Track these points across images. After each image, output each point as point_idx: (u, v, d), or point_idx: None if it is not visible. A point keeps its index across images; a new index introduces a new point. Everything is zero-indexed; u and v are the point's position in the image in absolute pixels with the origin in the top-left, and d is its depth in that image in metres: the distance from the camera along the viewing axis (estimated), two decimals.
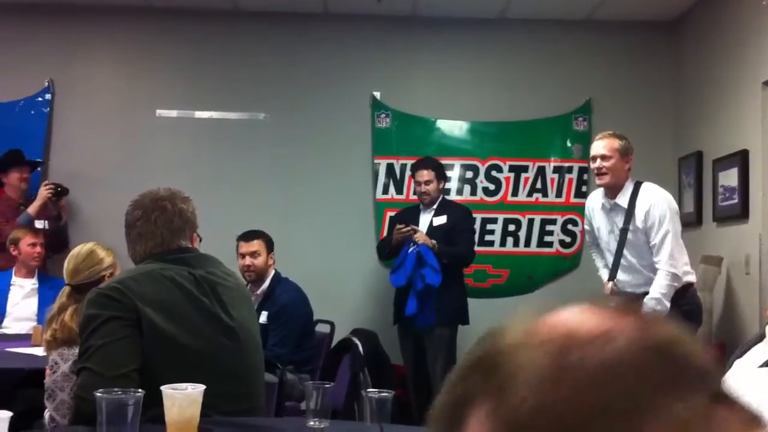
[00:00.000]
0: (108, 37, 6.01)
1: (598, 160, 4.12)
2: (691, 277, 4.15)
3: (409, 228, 4.95)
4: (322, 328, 4.68)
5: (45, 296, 4.68)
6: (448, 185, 5.60)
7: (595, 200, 4.30)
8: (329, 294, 5.18)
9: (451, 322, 4.98)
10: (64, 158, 5.84)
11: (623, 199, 4.11)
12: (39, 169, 5.64)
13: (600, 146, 4.12)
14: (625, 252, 4.12)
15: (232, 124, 5.96)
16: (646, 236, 4.05)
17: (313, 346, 4.51)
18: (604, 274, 4.32)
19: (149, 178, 5.82)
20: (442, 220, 5.06)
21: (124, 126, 5.93)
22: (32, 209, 5.27)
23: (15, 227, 5.04)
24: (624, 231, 4.10)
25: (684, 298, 4.07)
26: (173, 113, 5.95)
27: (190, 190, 2.62)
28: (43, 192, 5.31)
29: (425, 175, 5.09)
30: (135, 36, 5.98)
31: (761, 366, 2.10)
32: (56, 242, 5.32)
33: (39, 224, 5.25)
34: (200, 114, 5.96)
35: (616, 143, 4.08)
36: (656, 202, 4.04)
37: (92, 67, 6.01)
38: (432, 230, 5.01)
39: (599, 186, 4.21)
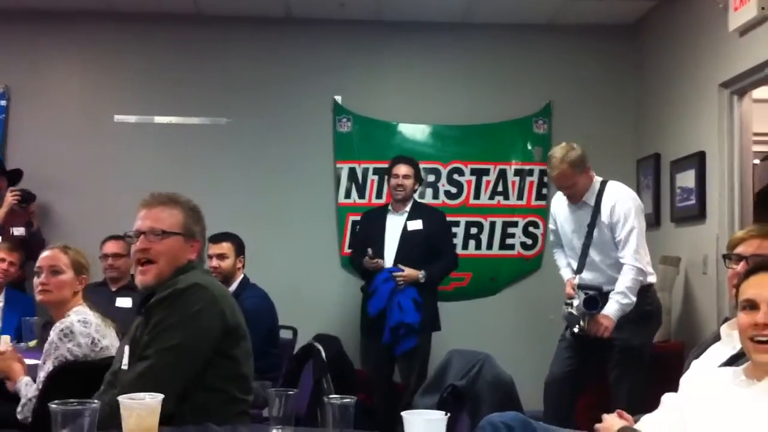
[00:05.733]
0: (65, 42, 5.92)
1: (563, 189, 4.19)
2: (652, 278, 4.22)
3: (376, 261, 4.89)
4: (285, 334, 4.65)
5: (10, 317, 4.57)
6: None
7: (562, 199, 4.33)
8: (292, 299, 5.15)
9: (426, 330, 4.93)
10: (20, 164, 5.71)
11: (590, 198, 4.17)
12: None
13: (558, 179, 4.15)
14: (590, 250, 4.17)
15: (193, 129, 5.90)
16: (611, 232, 4.10)
17: (277, 352, 4.47)
18: (567, 272, 4.36)
19: (107, 184, 5.77)
20: (417, 225, 4.99)
21: (81, 132, 5.84)
22: None
23: None
24: (590, 227, 4.15)
25: (645, 299, 4.14)
26: (132, 119, 5.87)
27: None
28: (9, 198, 5.25)
29: (404, 169, 5.04)
30: (93, 40, 5.90)
31: (721, 365, 2.12)
32: (29, 250, 5.25)
33: (17, 231, 5.21)
34: (160, 119, 5.89)
35: (568, 168, 4.09)
36: (621, 199, 4.12)
37: (49, 73, 5.91)
38: (407, 235, 4.95)
39: (571, 202, 4.25)
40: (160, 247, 2.39)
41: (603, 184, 4.21)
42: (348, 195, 5.91)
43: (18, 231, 5.22)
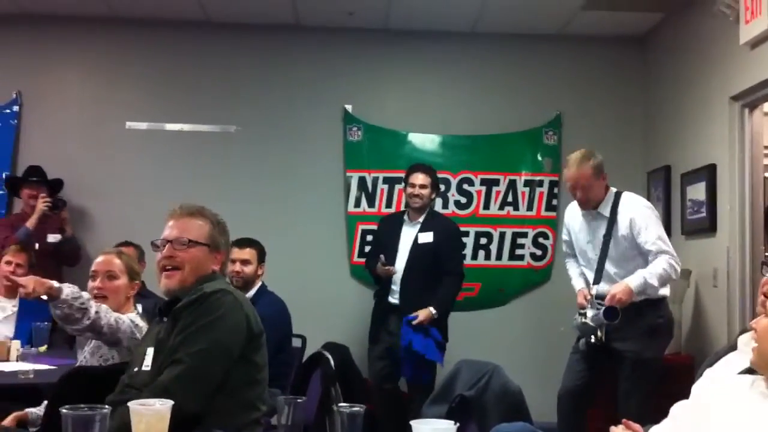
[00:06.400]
0: (77, 48, 5.95)
1: (578, 191, 4.16)
2: (665, 290, 4.19)
3: (388, 268, 4.89)
4: (294, 342, 4.64)
5: (25, 320, 4.57)
6: None
7: (576, 209, 4.32)
8: (301, 307, 5.12)
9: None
10: None
11: (605, 209, 4.16)
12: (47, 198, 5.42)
13: (575, 177, 4.14)
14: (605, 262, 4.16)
15: (203, 136, 5.92)
16: (629, 243, 4.09)
17: (286, 360, 4.47)
18: (579, 282, 4.33)
19: (118, 191, 5.79)
20: (428, 237, 4.92)
21: (93, 138, 5.87)
22: (30, 223, 5.29)
23: (13, 242, 5.01)
24: (606, 239, 4.13)
25: (657, 311, 4.12)
26: (143, 125, 5.90)
27: (160, 203, 2.61)
28: (39, 205, 5.33)
29: (420, 178, 4.96)
30: (105, 47, 5.93)
31: (741, 372, 2.10)
32: (63, 256, 5.39)
33: (52, 238, 5.33)
34: (171, 126, 5.92)
35: (589, 169, 4.09)
36: (638, 210, 4.13)
37: (61, 79, 5.95)
38: (417, 248, 4.91)
39: (583, 209, 4.24)
40: (186, 256, 2.46)
41: (618, 195, 4.20)
42: (358, 204, 5.91)
43: (53, 237, 5.37)
